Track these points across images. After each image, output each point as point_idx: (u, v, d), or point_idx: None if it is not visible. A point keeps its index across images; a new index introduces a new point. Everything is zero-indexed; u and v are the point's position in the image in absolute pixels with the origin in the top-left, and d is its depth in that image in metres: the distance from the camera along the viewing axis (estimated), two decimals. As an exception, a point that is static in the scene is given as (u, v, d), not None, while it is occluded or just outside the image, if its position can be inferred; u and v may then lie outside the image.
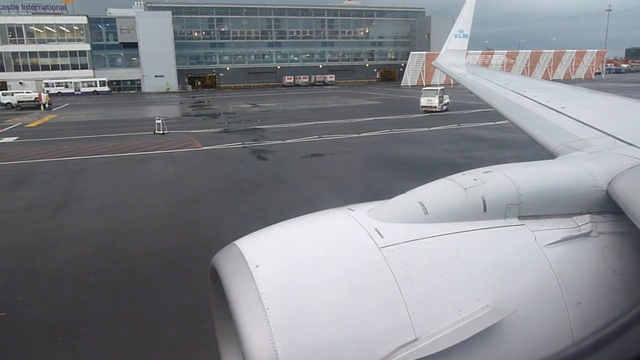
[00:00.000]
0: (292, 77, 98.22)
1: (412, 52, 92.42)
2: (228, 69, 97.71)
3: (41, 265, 10.96)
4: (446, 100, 41.36)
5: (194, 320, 7.92)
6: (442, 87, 42.34)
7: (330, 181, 18.70)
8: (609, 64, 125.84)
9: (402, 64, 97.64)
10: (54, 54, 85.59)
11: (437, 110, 39.42)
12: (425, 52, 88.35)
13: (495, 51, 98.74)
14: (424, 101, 40.08)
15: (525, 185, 2.40)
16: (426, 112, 39.51)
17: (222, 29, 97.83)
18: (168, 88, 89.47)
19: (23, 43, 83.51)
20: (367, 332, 1.87)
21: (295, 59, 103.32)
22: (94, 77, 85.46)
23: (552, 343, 2.13)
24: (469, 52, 11.66)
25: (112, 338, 7.96)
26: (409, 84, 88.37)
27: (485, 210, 2.31)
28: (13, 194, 17.39)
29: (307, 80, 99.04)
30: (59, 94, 77.59)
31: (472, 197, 2.32)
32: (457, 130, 30.84)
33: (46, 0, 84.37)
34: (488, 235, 2.25)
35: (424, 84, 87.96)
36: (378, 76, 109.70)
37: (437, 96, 39.39)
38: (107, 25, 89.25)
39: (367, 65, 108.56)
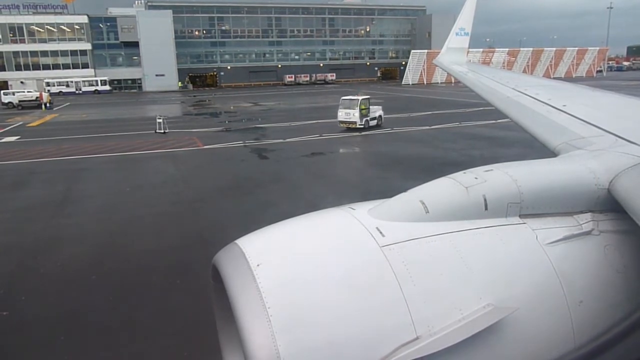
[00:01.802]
0: (293, 75, 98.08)
1: (413, 51, 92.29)
2: (229, 67, 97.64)
3: (43, 265, 10.98)
4: (377, 113, 31.61)
5: (195, 320, 7.92)
6: (368, 97, 31.41)
7: (331, 180, 18.71)
8: (610, 62, 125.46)
9: (403, 63, 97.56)
10: (55, 53, 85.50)
11: (360, 126, 29.65)
12: (426, 51, 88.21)
13: (497, 49, 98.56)
14: (341, 114, 30.22)
15: (526, 183, 2.40)
16: (349, 128, 30.05)
17: (223, 28, 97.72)
18: (181, 86, 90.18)
19: (24, 42, 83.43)
20: (368, 331, 1.87)
21: (296, 57, 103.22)
22: (95, 76, 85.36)
23: (554, 341, 2.13)
24: (470, 50, 11.63)
25: (114, 338, 7.97)
26: (410, 83, 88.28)
27: (486, 208, 2.31)
28: (14, 194, 17.42)
29: (308, 79, 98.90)
30: (60, 93, 77.55)
31: (473, 195, 2.32)
32: (459, 129, 30.82)
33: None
34: (489, 234, 2.25)
35: (425, 82, 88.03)
36: (379, 75, 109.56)
37: (358, 108, 29.48)
38: (108, 24, 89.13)
39: (368, 63, 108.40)
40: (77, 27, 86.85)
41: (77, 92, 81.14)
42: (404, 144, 26.00)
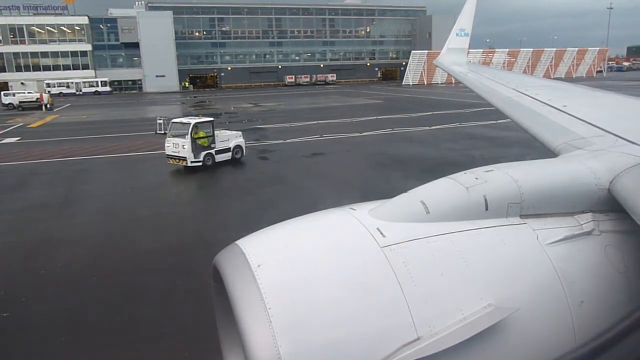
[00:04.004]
0: (294, 76, 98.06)
1: (413, 51, 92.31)
2: (229, 68, 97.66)
3: (44, 266, 10.98)
4: (231, 143, 21.72)
5: (195, 321, 7.92)
6: (210, 120, 21.34)
7: (331, 180, 18.70)
8: (610, 62, 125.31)
9: (404, 63, 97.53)
10: (55, 55, 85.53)
11: (194, 164, 20.00)
12: (426, 51, 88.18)
13: (497, 50, 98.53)
14: (168, 146, 20.66)
15: (526, 184, 2.40)
16: (186, 167, 20.22)
17: (223, 29, 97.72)
18: (187, 86, 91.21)
19: (24, 43, 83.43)
20: (369, 331, 1.87)
21: (297, 58, 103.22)
22: (96, 77, 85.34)
23: (555, 341, 2.13)
24: (471, 50, 11.62)
25: (115, 339, 7.97)
26: (411, 83, 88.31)
27: (487, 209, 2.31)
28: (15, 195, 17.42)
29: (308, 79, 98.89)
30: (60, 95, 77.50)
31: (474, 196, 2.32)
32: (459, 129, 30.82)
33: (47, 0, 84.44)
34: (490, 234, 2.25)
35: (425, 83, 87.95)
36: (379, 75, 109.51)
37: (189, 137, 19.77)
38: (109, 25, 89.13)
39: (368, 64, 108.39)
40: (77, 28, 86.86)
41: (77, 93, 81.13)
42: (406, 144, 25.99)
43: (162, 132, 31.34)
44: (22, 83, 78.18)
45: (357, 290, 1.93)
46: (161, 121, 32.04)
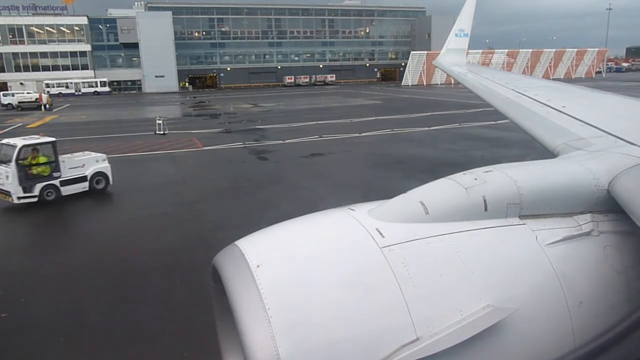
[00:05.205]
0: (293, 77, 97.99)
1: (412, 52, 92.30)
2: (229, 69, 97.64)
3: (42, 266, 10.97)
4: (88, 170, 16.74)
5: (195, 321, 7.91)
6: (51, 141, 16.28)
7: (330, 180, 18.69)
8: (609, 63, 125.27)
9: (403, 64, 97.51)
10: (54, 55, 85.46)
11: (23, 200, 15.24)
12: (425, 52, 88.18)
13: (496, 50, 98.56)
14: None
15: (526, 184, 2.40)
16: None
17: (223, 29, 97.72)
18: (186, 86, 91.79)
19: (24, 44, 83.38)
20: (368, 332, 1.87)
21: (296, 58, 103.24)
22: (95, 77, 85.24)
23: (554, 342, 2.13)
24: (470, 51, 11.65)
25: (114, 339, 7.96)
26: (410, 84, 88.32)
27: (486, 209, 2.31)
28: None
29: (307, 80, 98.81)
30: (59, 95, 77.32)
31: (473, 196, 2.32)
32: (458, 130, 30.83)
33: (47, 0, 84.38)
34: (489, 234, 2.25)
35: (425, 84, 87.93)
36: (379, 76, 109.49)
37: (14, 165, 14.99)
38: (108, 25, 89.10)
39: (367, 64, 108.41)
40: (76, 28, 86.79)
41: (76, 93, 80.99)
42: (405, 145, 26.00)
43: (162, 132, 31.61)
44: (21, 83, 77.97)
45: (356, 291, 1.93)
46: (160, 121, 32.22)
